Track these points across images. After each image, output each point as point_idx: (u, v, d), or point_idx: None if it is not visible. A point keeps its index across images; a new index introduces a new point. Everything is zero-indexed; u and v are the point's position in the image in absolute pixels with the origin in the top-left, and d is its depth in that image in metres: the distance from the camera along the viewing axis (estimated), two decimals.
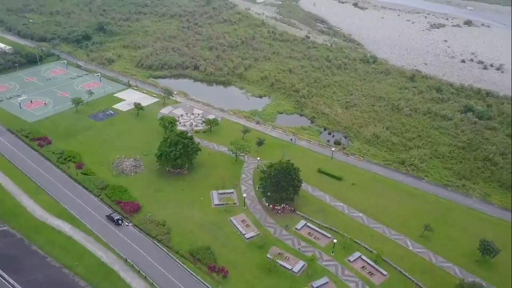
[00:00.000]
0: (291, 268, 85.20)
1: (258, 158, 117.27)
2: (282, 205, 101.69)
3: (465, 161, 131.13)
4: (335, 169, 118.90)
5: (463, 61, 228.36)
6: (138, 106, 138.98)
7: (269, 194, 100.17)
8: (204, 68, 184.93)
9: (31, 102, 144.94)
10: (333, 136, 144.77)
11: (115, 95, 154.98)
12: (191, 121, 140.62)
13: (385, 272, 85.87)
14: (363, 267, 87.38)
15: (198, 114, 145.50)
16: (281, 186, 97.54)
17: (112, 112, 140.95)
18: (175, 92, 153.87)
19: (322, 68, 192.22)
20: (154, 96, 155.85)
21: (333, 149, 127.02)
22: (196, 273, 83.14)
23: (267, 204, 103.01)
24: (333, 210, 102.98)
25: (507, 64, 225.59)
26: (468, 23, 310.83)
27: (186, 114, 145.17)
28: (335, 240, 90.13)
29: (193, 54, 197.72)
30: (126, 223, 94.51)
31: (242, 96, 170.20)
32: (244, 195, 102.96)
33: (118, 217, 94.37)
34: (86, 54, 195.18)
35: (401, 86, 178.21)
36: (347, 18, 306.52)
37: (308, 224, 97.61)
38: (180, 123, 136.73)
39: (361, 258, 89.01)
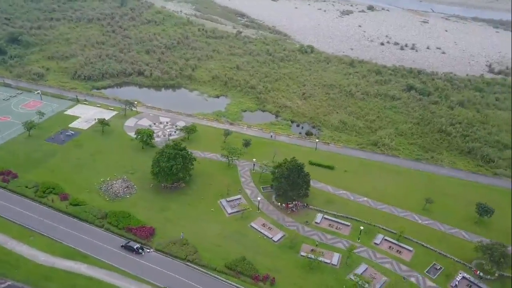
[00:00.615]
0: (330, 262, 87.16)
1: (254, 159, 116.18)
2: (294, 202, 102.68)
3: (424, 135, 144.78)
4: (323, 159, 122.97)
5: (382, 43, 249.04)
6: (103, 122, 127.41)
7: (283, 193, 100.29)
8: (149, 73, 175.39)
9: None
10: (302, 127, 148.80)
11: (65, 113, 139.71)
12: (166, 130, 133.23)
13: (410, 248, 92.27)
14: (390, 247, 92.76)
15: (167, 123, 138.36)
16: (296, 183, 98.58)
17: (73, 132, 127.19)
18: (135, 102, 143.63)
19: (267, 62, 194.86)
20: (111, 109, 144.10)
21: (317, 140, 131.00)
22: (243, 286, 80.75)
23: (279, 204, 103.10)
24: (339, 199, 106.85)
25: (419, 44, 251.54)
26: (371, 8, 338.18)
27: (154, 123, 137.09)
28: (361, 227, 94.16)
29: (132, 59, 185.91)
30: (147, 250, 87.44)
31: (199, 98, 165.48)
32: (259, 198, 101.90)
33: (137, 245, 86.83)
34: (7, 71, 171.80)
35: (345, 72, 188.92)
36: (264, 10, 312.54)
37: (325, 216, 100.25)
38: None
39: (385, 239, 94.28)
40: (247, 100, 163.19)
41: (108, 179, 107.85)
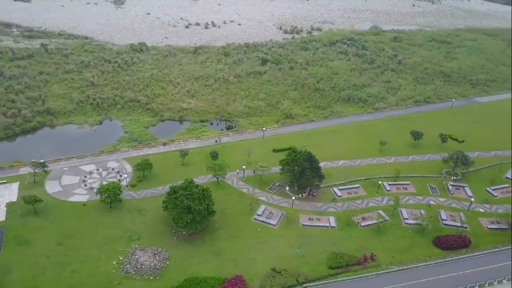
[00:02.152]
0: (383, 220, 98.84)
1: (244, 166, 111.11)
2: (308, 188, 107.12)
3: (309, 97, 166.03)
4: (279, 144, 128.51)
5: (187, 26, 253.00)
6: (35, 199, 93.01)
7: (305, 182, 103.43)
8: None
9: None
10: (217, 124, 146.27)
11: None
12: (107, 179, 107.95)
13: (407, 182, 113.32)
14: (397, 188, 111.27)
15: (97, 170, 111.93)
16: (317, 169, 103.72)
17: None
18: (43, 161, 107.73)
19: (116, 70, 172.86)
20: (5, 182, 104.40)
21: (264, 129, 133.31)
22: (360, 274, 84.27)
23: (300, 195, 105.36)
24: (329, 170, 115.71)
25: (216, 21, 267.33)
26: None
27: (85, 176, 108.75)
28: (380, 182, 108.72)
29: None
30: None
31: (83, 131, 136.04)
32: (293, 197, 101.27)
33: None
34: None
35: (200, 61, 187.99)
36: (29, 15, 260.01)
37: (339, 187, 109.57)
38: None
39: (389, 184, 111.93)
40: (139, 116, 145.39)
41: (122, 258, 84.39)
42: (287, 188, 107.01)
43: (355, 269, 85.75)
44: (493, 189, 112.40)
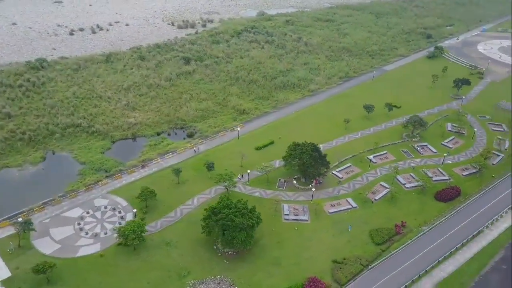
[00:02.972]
0: (389, 190, 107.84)
1: (249, 171, 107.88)
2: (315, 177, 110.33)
3: (248, 89, 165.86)
4: (256, 140, 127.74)
5: (71, 33, 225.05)
6: (47, 266, 76.15)
7: (315, 172, 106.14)
8: None
9: None
10: (176, 134, 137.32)
11: None
12: (106, 219, 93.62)
13: (384, 151, 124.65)
14: (380, 159, 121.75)
15: (87, 213, 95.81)
16: (323, 156, 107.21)
17: None
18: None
19: (27, 95, 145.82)
20: None
21: (238, 129, 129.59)
22: (403, 243, 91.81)
23: (310, 185, 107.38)
24: None
25: (101, 23, 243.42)
26: None
27: (78, 224, 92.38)
28: (370, 156, 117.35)
29: None
30: None
31: (30, 173, 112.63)
32: (313, 189, 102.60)
33: None
34: None
35: (118, 70, 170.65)
36: None
37: (337, 170, 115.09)
38: (107, 232, 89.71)
39: (374, 157, 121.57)
40: (86, 142, 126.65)
41: None
42: (295, 182, 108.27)
43: (397, 239, 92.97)
44: (446, 142, 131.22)
